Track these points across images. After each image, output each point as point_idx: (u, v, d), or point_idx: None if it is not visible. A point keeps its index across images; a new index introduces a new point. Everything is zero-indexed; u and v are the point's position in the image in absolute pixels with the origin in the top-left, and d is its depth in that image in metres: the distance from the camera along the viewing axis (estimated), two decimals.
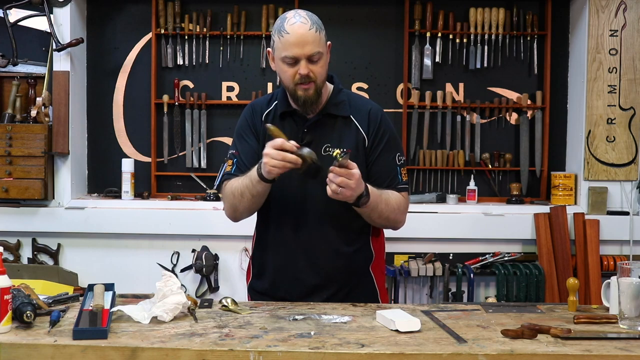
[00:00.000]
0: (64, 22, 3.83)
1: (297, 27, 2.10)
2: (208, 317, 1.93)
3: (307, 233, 2.23)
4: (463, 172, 4.13)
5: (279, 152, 2.00)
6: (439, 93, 4.09)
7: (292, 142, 2.03)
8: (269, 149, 2.02)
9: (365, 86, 4.14)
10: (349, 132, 2.23)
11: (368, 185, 2.11)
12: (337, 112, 2.24)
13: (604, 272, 3.75)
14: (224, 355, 1.64)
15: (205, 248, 3.85)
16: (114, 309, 1.86)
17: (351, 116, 2.24)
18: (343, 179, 2.00)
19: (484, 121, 4.14)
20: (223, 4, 4.09)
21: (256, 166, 2.11)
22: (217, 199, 3.95)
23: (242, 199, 2.17)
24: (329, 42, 2.21)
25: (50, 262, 3.87)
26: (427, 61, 4.08)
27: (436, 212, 3.90)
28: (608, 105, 3.89)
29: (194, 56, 4.10)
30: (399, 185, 2.27)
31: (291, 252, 2.24)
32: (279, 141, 2.01)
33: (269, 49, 2.21)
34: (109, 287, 2.08)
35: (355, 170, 2.02)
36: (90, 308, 1.86)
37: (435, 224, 3.86)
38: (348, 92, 2.34)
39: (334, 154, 2.00)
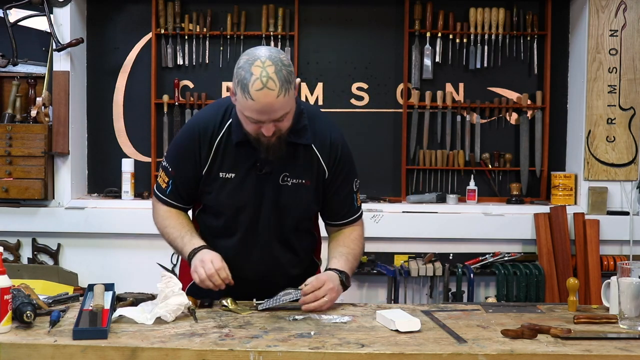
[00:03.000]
0: (64, 22, 3.83)
1: (263, 96, 1.86)
2: (208, 317, 1.93)
3: (258, 256, 2.17)
4: (463, 172, 4.13)
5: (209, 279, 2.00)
6: (439, 93, 4.09)
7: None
8: (202, 275, 2.01)
9: (365, 86, 4.14)
10: (310, 162, 2.12)
11: (339, 269, 2.11)
12: (298, 140, 2.08)
13: (604, 272, 3.75)
14: (224, 355, 1.64)
15: None
16: (115, 314, 1.85)
17: (312, 145, 2.11)
18: (315, 293, 2.00)
19: (484, 121, 4.14)
20: (223, 4, 4.09)
21: (192, 246, 2.09)
22: None
23: (169, 245, 2.20)
24: (298, 79, 1.98)
25: (50, 262, 3.87)
26: (427, 61, 4.08)
27: (436, 212, 3.90)
28: (608, 105, 3.89)
29: (194, 56, 4.10)
30: (355, 215, 2.25)
31: (239, 274, 2.13)
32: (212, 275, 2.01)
33: (229, 84, 2.00)
34: (109, 287, 2.08)
35: (316, 285, 2.02)
36: (90, 308, 1.86)
37: (435, 224, 3.86)
38: (309, 113, 2.14)
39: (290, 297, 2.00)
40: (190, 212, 2.27)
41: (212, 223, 2.20)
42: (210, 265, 2.02)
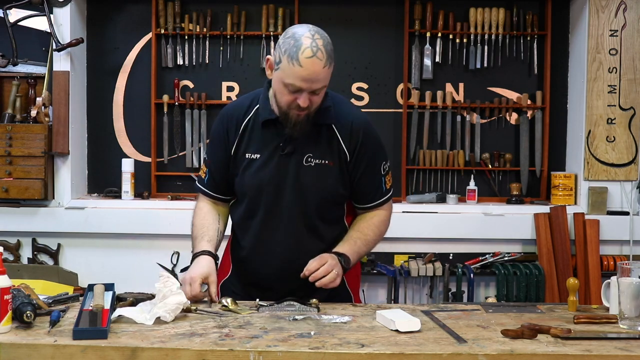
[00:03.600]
0: (64, 22, 3.83)
1: (311, 64, 1.97)
2: (208, 317, 1.93)
3: (282, 240, 2.20)
4: (463, 172, 4.13)
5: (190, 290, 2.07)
6: (439, 93, 4.09)
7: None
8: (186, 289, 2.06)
9: (365, 86, 4.14)
10: (331, 143, 2.17)
11: (340, 252, 2.15)
12: (321, 120, 2.15)
13: (604, 272, 3.75)
14: (224, 355, 1.64)
15: None
16: (115, 314, 1.85)
17: (333, 126, 2.17)
18: (324, 268, 2.06)
19: (484, 121, 4.14)
20: (223, 4, 4.09)
21: (195, 250, 2.19)
22: None
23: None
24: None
25: (50, 262, 3.87)
26: (427, 61, 4.08)
27: (436, 212, 3.90)
28: (608, 105, 3.89)
29: (194, 56, 4.10)
30: (381, 198, 2.26)
31: (264, 259, 2.22)
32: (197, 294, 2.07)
33: (269, 56, 2.07)
34: (109, 287, 2.08)
35: (316, 264, 2.08)
36: (90, 308, 1.86)
37: (435, 224, 3.86)
38: (333, 96, 2.22)
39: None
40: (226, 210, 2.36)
41: (237, 207, 2.27)
42: (184, 287, 2.07)
